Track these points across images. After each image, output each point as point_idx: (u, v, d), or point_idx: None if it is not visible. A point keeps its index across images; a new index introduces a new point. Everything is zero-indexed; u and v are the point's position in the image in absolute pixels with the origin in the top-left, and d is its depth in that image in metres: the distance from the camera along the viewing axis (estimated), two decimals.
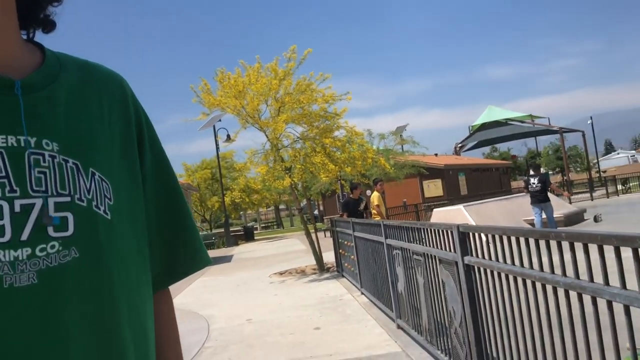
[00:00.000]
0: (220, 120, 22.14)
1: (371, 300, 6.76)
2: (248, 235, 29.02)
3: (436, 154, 34.50)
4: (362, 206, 10.34)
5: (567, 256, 2.03)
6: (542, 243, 2.29)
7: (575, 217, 14.76)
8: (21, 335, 0.64)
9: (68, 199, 0.70)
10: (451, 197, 25.44)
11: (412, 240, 4.41)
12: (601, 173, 41.84)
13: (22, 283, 0.65)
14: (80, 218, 0.70)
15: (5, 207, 0.65)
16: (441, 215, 13.26)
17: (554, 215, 11.82)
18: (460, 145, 41.83)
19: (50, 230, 0.67)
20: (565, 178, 35.75)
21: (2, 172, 0.66)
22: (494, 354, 2.99)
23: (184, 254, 0.92)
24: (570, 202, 19.66)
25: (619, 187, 27.13)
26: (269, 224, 50.13)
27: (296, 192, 12.46)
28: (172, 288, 0.95)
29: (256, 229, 41.93)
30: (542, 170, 12.09)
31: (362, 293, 7.39)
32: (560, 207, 14.35)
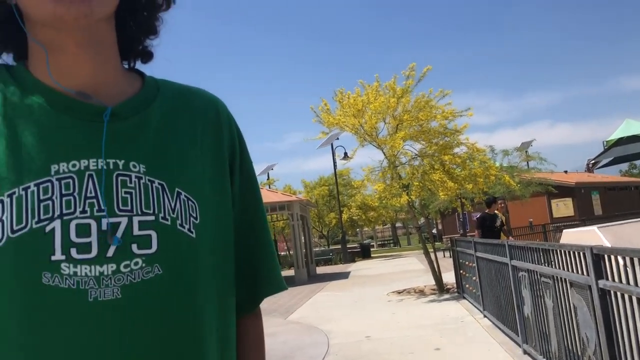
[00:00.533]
0: (337, 139, 22.64)
1: (494, 323, 6.48)
2: (365, 253, 29.09)
3: (566, 171, 32.34)
4: (498, 223, 9.62)
5: None
6: None
7: None
8: (102, 348, 0.67)
9: (152, 217, 0.73)
10: (583, 217, 23.65)
11: (540, 262, 4.20)
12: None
13: (106, 297, 0.68)
14: (164, 236, 0.73)
15: (93, 225, 0.69)
16: (572, 236, 12.38)
17: None
18: (593, 161, 38.88)
19: (134, 247, 0.70)
20: None
21: (91, 192, 0.71)
22: None
23: (264, 278, 0.92)
24: None
25: None
26: (386, 242, 49.88)
27: (414, 210, 12.34)
28: (294, 302, 0.96)
29: (372, 246, 41.93)
30: None
31: (485, 315, 7.12)
32: None
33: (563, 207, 25.75)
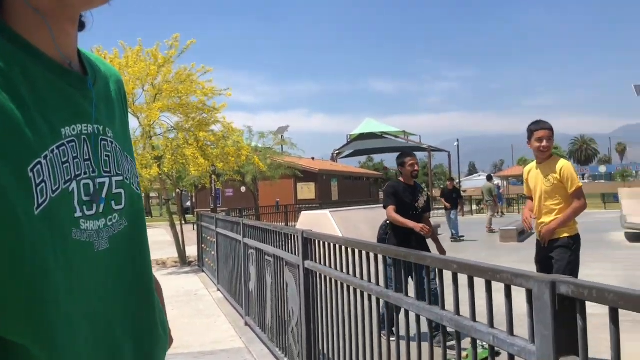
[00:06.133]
0: None
1: (225, 297, 6.85)
2: None
3: (313, 158, 35.38)
4: (420, 201, 5.31)
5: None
6: (371, 255, 2.51)
7: None
8: (104, 287, 0.80)
9: (121, 178, 0.86)
10: (322, 201, 26.27)
11: (265, 241, 4.58)
12: (461, 192, 45.41)
13: (102, 248, 0.80)
14: (127, 194, 0.86)
15: (91, 185, 0.79)
16: (308, 218, 13.68)
17: None
18: (337, 152, 43.24)
19: (113, 204, 0.83)
20: (428, 193, 38.34)
21: (87, 155, 0.80)
22: (324, 351, 3.23)
23: None
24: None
25: (474, 207, 29.62)
26: None
27: (168, 181, 12.19)
28: None
29: None
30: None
31: (218, 289, 7.46)
32: None
33: (307, 191, 28.17)
